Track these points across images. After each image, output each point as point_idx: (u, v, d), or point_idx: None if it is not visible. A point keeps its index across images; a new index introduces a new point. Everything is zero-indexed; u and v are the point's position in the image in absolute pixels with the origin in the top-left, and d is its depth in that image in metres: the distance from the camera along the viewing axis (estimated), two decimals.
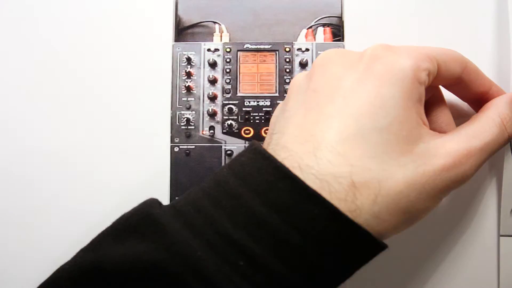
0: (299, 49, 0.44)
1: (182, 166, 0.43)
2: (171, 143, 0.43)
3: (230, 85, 0.44)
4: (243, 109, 0.44)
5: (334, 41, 0.47)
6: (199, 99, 0.44)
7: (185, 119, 0.43)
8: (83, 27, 0.44)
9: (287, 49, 0.44)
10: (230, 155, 0.43)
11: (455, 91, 0.33)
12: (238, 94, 0.44)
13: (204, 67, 0.44)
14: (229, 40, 0.49)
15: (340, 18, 0.47)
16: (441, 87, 0.33)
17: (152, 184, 0.43)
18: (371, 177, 0.25)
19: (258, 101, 0.44)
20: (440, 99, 0.33)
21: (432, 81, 0.29)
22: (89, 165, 0.43)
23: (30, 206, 0.42)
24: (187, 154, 0.43)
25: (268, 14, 0.52)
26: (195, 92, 0.44)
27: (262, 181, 0.26)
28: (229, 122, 0.43)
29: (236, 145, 0.43)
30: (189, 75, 0.44)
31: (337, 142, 0.26)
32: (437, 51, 0.29)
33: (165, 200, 0.43)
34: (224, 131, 0.44)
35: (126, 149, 0.43)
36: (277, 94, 0.44)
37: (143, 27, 0.44)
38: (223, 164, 0.43)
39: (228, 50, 0.44)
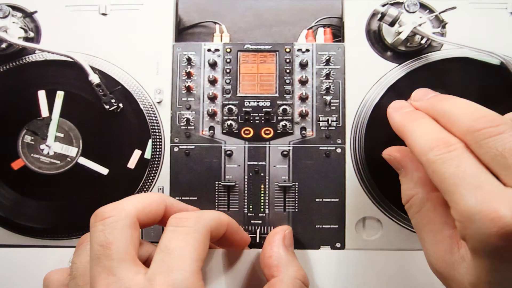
0: (299, 50, 0.44)
1: (182, 166, 0.43)
2: (170, 143, 0.43)
3: (230, 86, 0.44)
4: (243, 109, 0.44)
5: (334, 41, 0.47)
6: (199, 99, 0.44)
7: (185, 119, 0.43)
8: (83, 27, 0.45)
9: (288, 50, 0.44)
10: (230, 155, 0.43)
11: (222, 244, 0.39)
12: (238, 95, 0.44)
13: (204, 67, 0.44)
14: (230, 41, 0.49)
15: (341, 19, 0.47)
16: None
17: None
18: None
19: (258, 102, 0.44)
20: None
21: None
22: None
23: None
24: (187, 154, 0.43)
25: (268, 14, 0.52)
26: (195, 92, 0.44)
27: None
28: (229, 122, 0.43)
29: (236, 145, 0.43)
30: (189, 75, 0.44)
31: None
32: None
33: None
34: (224, 131, 0.44)
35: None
36: (277, 95, 0.44)
37: (143, 28, 0.44)
38: (222, 164, 0.43)
39: (228, 50, 0.44)
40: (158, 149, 0.43)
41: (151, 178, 0.43)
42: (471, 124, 0.28)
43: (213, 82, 0.44)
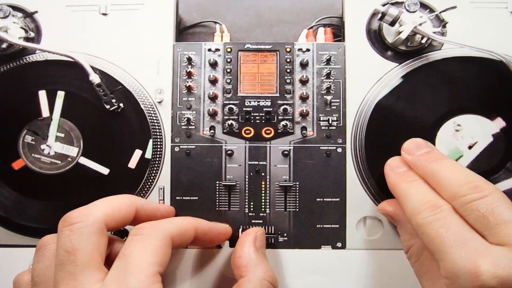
0: (300, 49, 0.44)
1: (183, 166, 0.43)
2: (171, 143, 0.43)
3: (230, 85, 0.44)
4: (244, 109, 0.44)
5: (334, 41, 0.47)
6: (200, 99, 0.44)
7: (186, 119, 0.43)
8: (84, 27, 0.45)
9: (288, 49, 0.44)
10: (230, 155, 0.43)
11: (200, 244, 0.40)
12: (239, 94, 0.44)
13: (204, 67, 0.44)
14: (230, 40, 0.49)
15: (341, 18, 0.47)
16: None
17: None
18: None
19: (258, 101, 0.44)
20: None
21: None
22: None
23: None
24: (188, 154, 0.43)
25: (269, 14, 0.52)
26: (195, 92, 0.44)
27: None
28: (229, 122, 0.43)
29: (236, 145, 0.43)
30: (189, 75, 0.44)
31: None
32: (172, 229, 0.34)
33: (166, 199, 0.43)
34: (224, 131, 0.44)
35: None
36: (277, 94, 0.44)
37: (144, 27, 0.44)
38: (223, 164, 0.43)
39: (229, 50, 0.44)
40: (158, 149, 0.43)
41: (151, 178, 0.43)
42: (457, 190, 0.31)
43: (213, 81, 0.44)
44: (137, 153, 0.43)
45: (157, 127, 0.44)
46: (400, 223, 0.37)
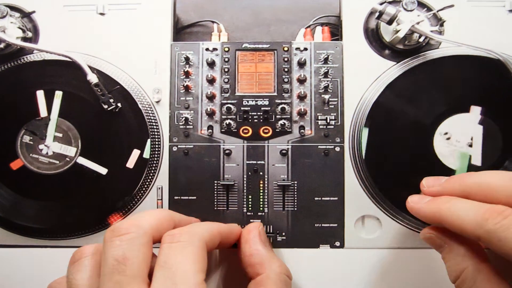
0: (297, 49, 0.44)
1: (181, 165, 0.43)
2: (169, 142, 0.43)
3: (228, 85, 0.44)
4: (242, 108, 0.44)
5: (332, 40, 0.47)
6: (198, 98, 0.44)
7: (184, 118, 0.43)
8: (81, 27, 0.45)
9: (286, 49, 0.44)
10: (228, 154, 0.43)
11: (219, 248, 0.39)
12: (237, 94, 0.44)
13: (202, 67, 0.44)
14: (228, 40, 0.49)
15: (339, 17, 0.47)
16: None
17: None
18: None
19: (256, 101, 0.44)
20: None
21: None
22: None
23: None
24: (186, 154, 0.43)
25: (266, 13, 0.52)
26: (193, 91, 0.44)
27: None
28: (227, 121, 0.43)
29: (234, 145, 0.43)
30: (187, 74, 0.44)
31: None
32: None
33: (165, 199, 0.43)
34: (222, 130, 0.44)
35: None
36: (275, 94, 0.44)
37: (141, 27, 0.44)
38: (221, 163, 0.43)
39: (226, 49, 0.44)
40: (157, 149, 0.43)
41: (150, 177, 0.43)
42: None
43: (211, 81, 0.44)
44: (135, 153, 0.43)
45: (155, 127, 0.44)
46: (450, 246, 0.34)
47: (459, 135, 0.42)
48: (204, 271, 0.31)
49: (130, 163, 0.43)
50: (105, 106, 0.43)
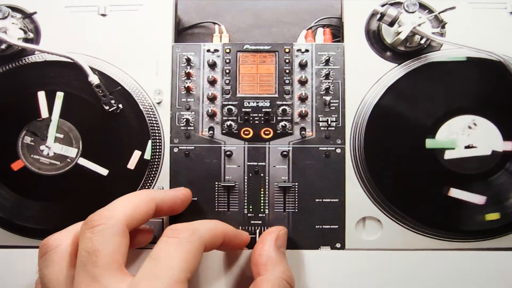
0: (298, 50, 0.44)
1: (182, 166, 0.43)
2: (170, 143, 0.43)
3: (229, 86, 0.44)
4: (243, 109, 0.44)
5: (333, 42, 0.47)
6: (199, 99, 0.44)
7: (185, 119, 0.43)
8: (83, 28, 0.45)
9: (287, 50, 0.44)
10: (229, 155, 0.43)
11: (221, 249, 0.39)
12: (238, 95, 0.44)
13: (203, 68, 0.44)
14: (229, 41, 0.49)
15: (340, 19, 0.47)
16: None
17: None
18: None
19: (257, 102, 0.44)
20: None
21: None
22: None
23: None
24: (187, 155, 0.43)
25: (267, 15, 0.52)
26: (194, 93, 0.44)
27: None
28: (228, 122, 0.43)
29: (235, 146, 0.43)
30: (188, 75, 0.44)
31: None
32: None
33: None
34: (223, 131, 0.44)
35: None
36: (276, 95, 0.44)
37: (143, 28, 0.44)
38: (222, 164, 0.43)
39: (227, 51, 0.44)
40: (157, 150, 0.43)
41: (151, 178, 0.43)
42: None
43: (212, 82, 0.44)
44: (136, 154, 0.43)
45: (156, 128, 0.44)
46: None
47: (475, 135, 0.43)
48: (192, 272, 0.31)
49: (131, 164, 0.43)
50: (106, 107, 0.43)
